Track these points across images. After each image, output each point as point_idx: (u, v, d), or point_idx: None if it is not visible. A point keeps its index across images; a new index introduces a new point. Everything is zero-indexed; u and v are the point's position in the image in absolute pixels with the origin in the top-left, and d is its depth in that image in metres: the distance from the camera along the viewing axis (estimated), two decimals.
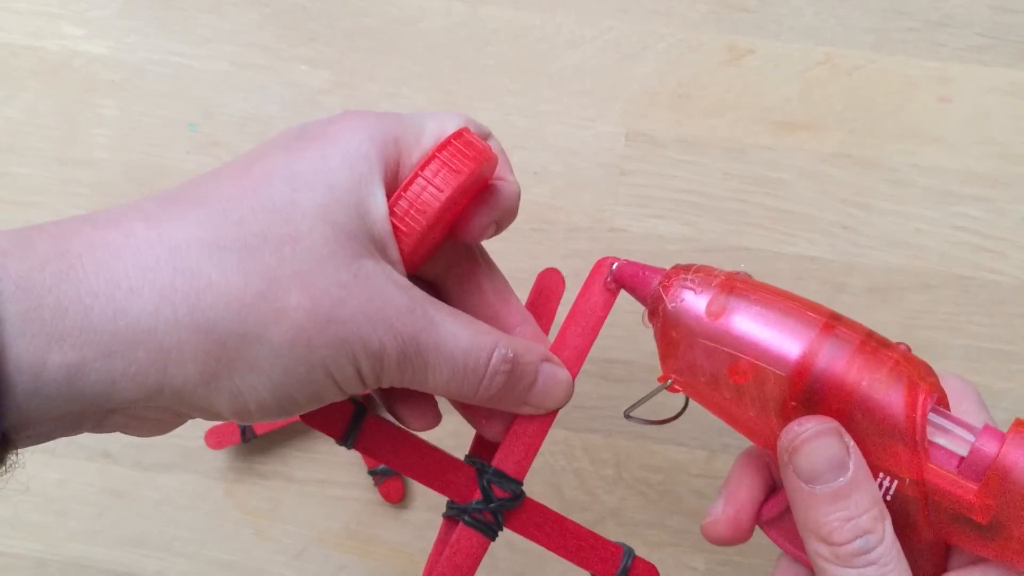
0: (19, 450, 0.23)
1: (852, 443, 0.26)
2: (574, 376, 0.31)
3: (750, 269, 0.48)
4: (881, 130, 0.48)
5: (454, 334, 0.27)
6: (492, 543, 0.31)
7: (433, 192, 0.26)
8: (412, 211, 0.26)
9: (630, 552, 0.32)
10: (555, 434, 0.48)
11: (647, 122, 0.49)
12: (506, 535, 0.48)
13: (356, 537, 0.49)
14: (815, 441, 0.26)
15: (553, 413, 0.31)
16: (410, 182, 0.27)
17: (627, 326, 0.48)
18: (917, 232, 0.48)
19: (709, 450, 0.48)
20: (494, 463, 0.31)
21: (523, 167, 0.49)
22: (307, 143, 0.26)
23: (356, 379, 0.26)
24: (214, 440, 0.48)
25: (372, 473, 0.48)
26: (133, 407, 0.24)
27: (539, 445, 0.31)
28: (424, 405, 0.31)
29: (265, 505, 0.49)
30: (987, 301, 0.47)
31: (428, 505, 0.49)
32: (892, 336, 0.49)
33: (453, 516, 0.31)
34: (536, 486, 0.49)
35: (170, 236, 0.23)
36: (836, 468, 0.26)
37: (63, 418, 0.23)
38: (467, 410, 0.32)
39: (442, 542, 0.31)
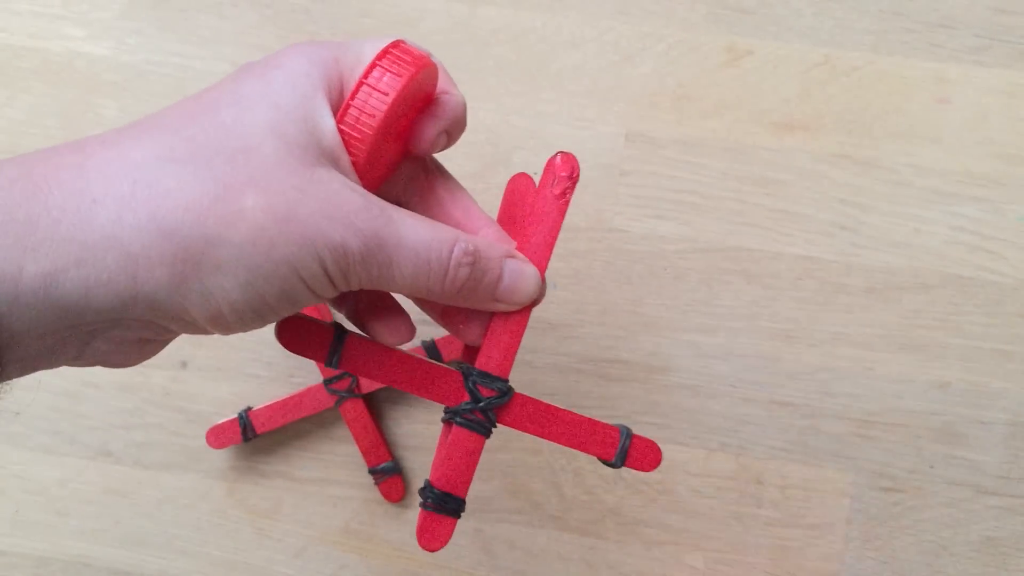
0: (5, 381, 0.25)
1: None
2: (542, 273, 0.32)
3: (749, 269, 0.48)
4: (880, 131, 0.48)
5: (414, 229, 0.28)
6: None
7: (379, 96, 0.27)
8: (362, 117, 0.27)
9: (627, 432, 0.33)
10: None
11: (647, 123, 0.49)
12: (506, 533, 0.48)
13: (356, 536, 0.49)
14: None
15: (527, 309, 0.32)
16: (355, 91, 0.28)
17: (626, 326, 0.49)
18: (915, 232, 0.48)
19: (707, 449, 0.48)
20: (477, 364, 0.32)
21: (523, 167, 0.49)
22: (251, 72, 0.28)
23: (324, 278, 0.26)
24: (215, 439, 0.48)
25: (372, 472, 0.48)
26: (111, 323, 0.25)
27: (519, 341, 0.32)
28: (397, 319, 0.32)
29: (266, 504, 0.49)
30: (985, 301, 0.48)
31: None
32: (891, 336, 0.50)
33: (448, 420, 0.32)
34: (536, 484, 0.49)
35: (127, 155, 0.25)
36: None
37: (44, 338, 0.24)
38: (445, 317, 0.32)
39: (443, 444, 0.33)
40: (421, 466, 0.49)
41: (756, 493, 0.48)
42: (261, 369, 0.50)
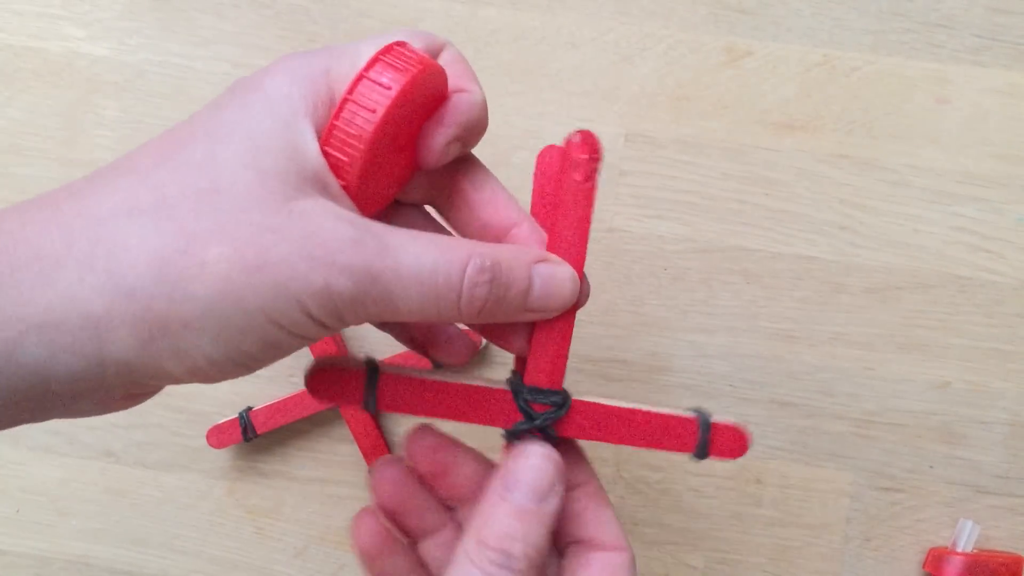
0: None
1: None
2: (579, 270, 0.29)
3: (749, 269, 0.48)
4: (879, 131, 0.48)
5: (415, 255, 0.25)
6: None
7: (365, 116, 0.25)
8: (348, 139, 0.25)
9: (707, 422, 0.29)
10: None
11: (646, 123, 0.49)
12: None
13: None
14: (537, 460, 0.28)
15: (571, 313, 0.29)
16: (339, 110, 0.25)
17: (626, 326, 0.49)
18: (915, 232, 0.48)
19: None
20: (526, 380, 0.29)
21: (523, 167, 0.49)
22: (234, 96, 0.26)
23: (309, 322, 0.25)
24: (216, 439, 0.48)
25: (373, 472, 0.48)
26: (92, 387, 0.24)
27: (567, 348, 0.29)
28: (451, 339, 0.31)
29: (266, 504, 0.50)
30: (985, 301, 0.48)
31: None
32: (891, 336, 0.50)
33: (508, 439, 0.30)
34: None
35: (92, 209, 0.24)
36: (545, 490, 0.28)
37: (13, 405, 0.23)
38: (485, 330, 0.31)
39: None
40: None
41: (756, 493, 0.48)
42: (261, 369, 0.50)
